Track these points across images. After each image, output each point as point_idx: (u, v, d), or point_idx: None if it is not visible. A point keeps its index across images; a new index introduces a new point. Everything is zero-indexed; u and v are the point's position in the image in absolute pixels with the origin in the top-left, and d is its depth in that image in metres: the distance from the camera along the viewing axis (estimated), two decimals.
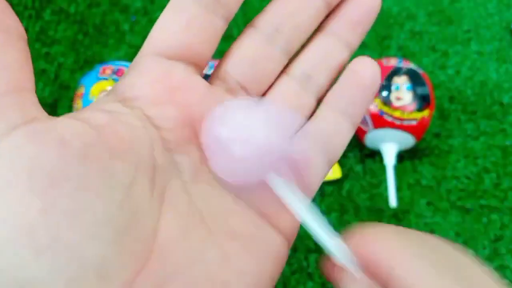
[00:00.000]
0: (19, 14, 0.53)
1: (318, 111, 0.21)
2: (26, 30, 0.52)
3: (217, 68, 0.20)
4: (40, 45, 0.51)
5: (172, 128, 0.17)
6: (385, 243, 0.16)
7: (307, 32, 0.20)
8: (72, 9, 0.53)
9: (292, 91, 0.20)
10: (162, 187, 0.16)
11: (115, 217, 0.14)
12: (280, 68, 0.20)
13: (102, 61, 0.50)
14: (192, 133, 0.18)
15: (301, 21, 0.20)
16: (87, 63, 0.50)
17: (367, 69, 0.20)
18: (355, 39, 0.21)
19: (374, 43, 0.54)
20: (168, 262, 0.15)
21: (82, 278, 0.13)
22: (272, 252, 0.18)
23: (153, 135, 0.17)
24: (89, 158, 0.14)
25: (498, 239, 0.43)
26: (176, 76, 0.18)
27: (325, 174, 0.20)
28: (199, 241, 0.16)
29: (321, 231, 0.17)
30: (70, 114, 0.16)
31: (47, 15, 0.53)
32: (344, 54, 0.21)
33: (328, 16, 0.21)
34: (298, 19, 0.20)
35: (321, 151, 0.20)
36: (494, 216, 0.44)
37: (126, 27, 0.53)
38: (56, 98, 0.48)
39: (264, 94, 0.20)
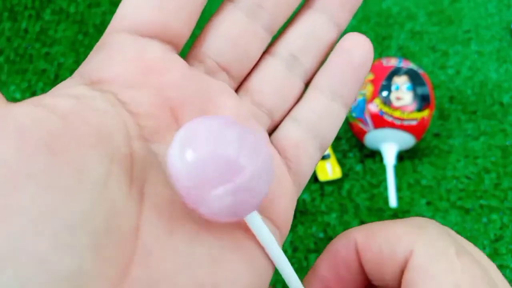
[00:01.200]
0: (19, 14, 0.53)
1: (306, 94, 0.19)
2: (26, 30, 0.52)
3: (194, 47, 0.18)
4: (40, 45, 0.51)
5: (148, 113, 0.15)
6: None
7: (291, 7, 0.18)
8: (72, 9, 0.53)
9: (278, 74, 0.18)
10: (140, 180, 0.14)
11: (89, 219, 0.12)
12: (263, 47, 0.18)
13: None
14: (171, 118, 0.16)
15: None
16: None
17: (359, 46, 0.19)
18: (345, 17, 0.19)
19: (374, 43, 0.54)
20: (152, 268, 0.13)
21: None
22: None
23: (128, 122, 0.15)
24: (55, 150, 0.12)
25: (498, 239, 0.43)
26: (151, 55, 0.16)
27: (318, 161, 0.19)
28: (185, 241, 0.14)
29: (291, 274, 0.17)
30: (30, 100, 0.13)
31: (47, 15, 0.53)
32: (333, 33, 0.19)
33: None
34: None
35: (312, 137, 0.18)
36: (494, 216, 0.44)
37: None
38: None
39: (247, 76, 0.19)
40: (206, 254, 0.14)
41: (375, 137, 0.45)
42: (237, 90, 0.18)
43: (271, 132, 0.19)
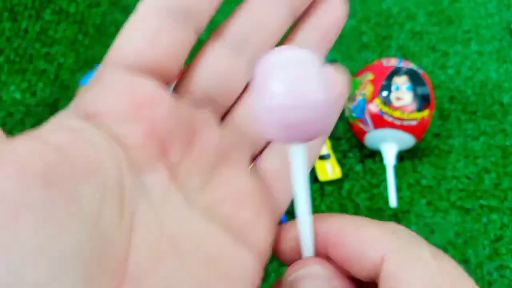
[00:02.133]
0: (19, 14, 0.53)
1: None
2: (26, 30, 0.52)
3: (182, 79, 0.19)
4: (40, 45, 0.51)
5: (138, 146, 0.16)
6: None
7: (273, 43, 0.20)
8: (72, 9, 0.53)
9: None
10: (130, 211, 0.15)
11: (84, 250, 0.13)
12: (247, 80, 0.20)
13: (102, 61, 0.50)
14: (160, 150, 0.17)
15: (268, 31, 0.19)
16: (87, 63, 0.50)
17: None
18: (324, 49, 0.20)
19: (374, 43, 0.54)
20: None
21: None
22: (247, 276, 0.17)
23: (119, 155, 0.15)
24: (52, 183, 0.13)
25: (498, 239, 0.43)
26: (143, 91, 0.17)
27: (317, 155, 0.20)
28: (173, 270, 0.15)
29: (308, 227, 0.18)
30: (28, 134, 0.14)
31: (47, 15, 0.53)
32: None
33: (294, 26, 0.20)
34: (265, 30, 0.19)
35: None
36: (494, 216, 0.44)
37: None
38: (56, 98, 0.48)
39: (232, 106, 0.20)
40: (192, 281, 0.15)
41: (375, 137, 0.45)
42: (223, 118, 0.20)
43: (254, 158, 0.20)
